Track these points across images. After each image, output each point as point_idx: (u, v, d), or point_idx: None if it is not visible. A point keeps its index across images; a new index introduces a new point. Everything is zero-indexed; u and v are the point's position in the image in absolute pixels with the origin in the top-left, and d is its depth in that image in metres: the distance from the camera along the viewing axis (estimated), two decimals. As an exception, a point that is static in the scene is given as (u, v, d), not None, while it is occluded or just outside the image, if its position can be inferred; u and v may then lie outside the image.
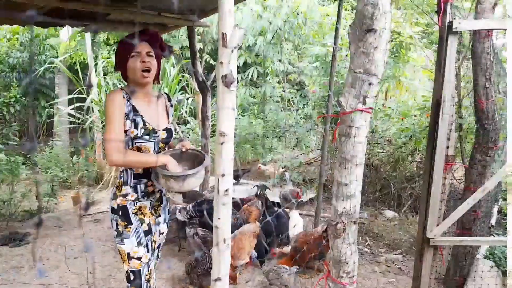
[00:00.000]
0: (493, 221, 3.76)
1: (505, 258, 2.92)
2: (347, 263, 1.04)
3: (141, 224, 1.54)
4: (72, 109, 6.38)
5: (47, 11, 2.36)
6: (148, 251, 1.55)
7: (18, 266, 2.92)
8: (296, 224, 3.26)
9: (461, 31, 1.78)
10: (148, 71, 1.50)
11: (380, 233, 3.69)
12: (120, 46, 1.54)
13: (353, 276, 1.05)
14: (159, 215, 1.66)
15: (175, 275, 2.78)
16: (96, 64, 6.62)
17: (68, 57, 7.23)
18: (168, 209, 1.76)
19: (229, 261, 1.25)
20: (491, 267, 2.71)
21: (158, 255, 1.77)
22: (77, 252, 3.16)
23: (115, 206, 1.53)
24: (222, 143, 1.13)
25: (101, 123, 6.38)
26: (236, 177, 4.40)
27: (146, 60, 1.48)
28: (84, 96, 6.42)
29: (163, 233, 1.71)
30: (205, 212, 2.92)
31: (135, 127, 1.48)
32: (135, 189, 1.54)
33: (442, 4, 1.60)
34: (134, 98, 1.52)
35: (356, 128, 0.96)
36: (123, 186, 1.55)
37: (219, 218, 1.18)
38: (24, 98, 6.86)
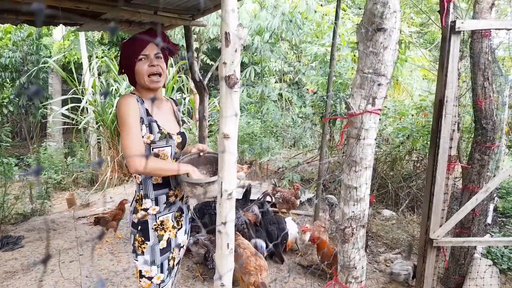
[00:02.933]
0: (489, 219, 3.79)
1: (502, 256, 2.94)
2: (356, 268, 1.01)
3: (159, 241, 1.45)
4: (67, 109, 6.29)
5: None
6: (162, 272, 1.45)
7: (11, 271, 2.85)
8: (291, 229, 3.10)
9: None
10: (159, 75, 1.42)
11: (379, 232, 3.69)
12: (125, 48, 1.43)
13: (361, 282, 1.03)
14: (181, 226, 1.56)
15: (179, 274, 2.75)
16: (90, 64, 6.54)
17: (61, 57, 7.13)
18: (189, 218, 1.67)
19: (233, 267, 1.21)
20: (489, 265, 2.73)
21: (176, 272, 1.65)
22: (72, 255, 3.10)
23: (135, 221, 1.45)
24: (225, 145, 1.09)
25: (96, 123, 6.30)
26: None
27: (155, 63, 1.39)
28: (79, 96, 6.33)
29: (183, 246, 1.60)
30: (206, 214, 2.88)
31: (151, 132, 1.39)
32: (156, 201, 1.45)
33: (445, 4, 1.59)
34: (146, 103, 1.43)
35: (366, 130, 0.93)
36: (143, 200, 1.45)
37: (222, 223, 1.15)
38: (17, 98, 6.75)
